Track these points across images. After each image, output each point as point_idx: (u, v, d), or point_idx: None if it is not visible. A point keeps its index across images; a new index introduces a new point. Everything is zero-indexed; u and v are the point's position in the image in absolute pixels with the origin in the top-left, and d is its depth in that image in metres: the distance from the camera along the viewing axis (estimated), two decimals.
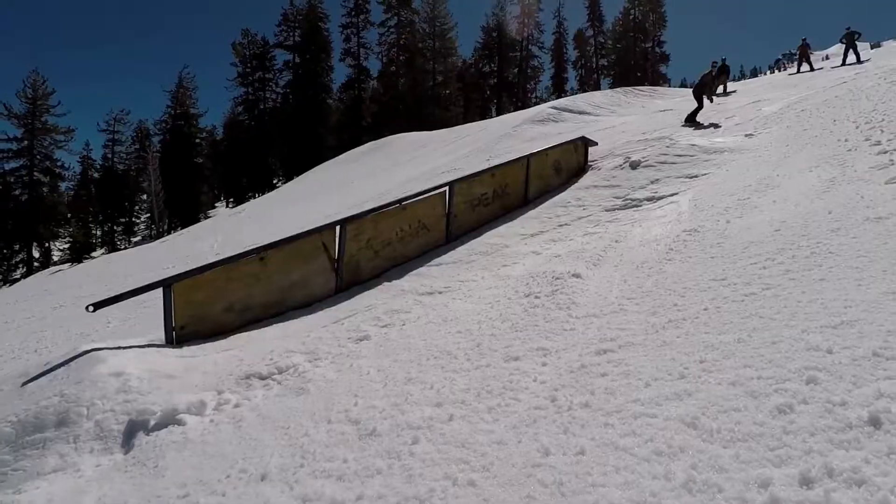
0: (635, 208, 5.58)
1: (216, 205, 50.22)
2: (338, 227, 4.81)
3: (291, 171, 41.03)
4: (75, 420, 2.79)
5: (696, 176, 6.04)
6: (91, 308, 3.63)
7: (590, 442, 1.90)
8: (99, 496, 2.29)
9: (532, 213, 6.27)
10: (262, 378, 3.14)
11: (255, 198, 40.42)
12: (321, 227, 4.80)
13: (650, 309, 2.95)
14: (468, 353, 2.97)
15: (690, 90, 12.10)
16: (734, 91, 14.51)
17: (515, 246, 5.28)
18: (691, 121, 9.45)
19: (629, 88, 16.87)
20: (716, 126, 8.75)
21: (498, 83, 52.08)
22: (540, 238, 5.42)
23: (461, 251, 5.41)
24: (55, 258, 40.89)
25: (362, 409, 2.55)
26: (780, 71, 19.05)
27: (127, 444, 2.69)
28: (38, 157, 40.34)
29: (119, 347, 3.48)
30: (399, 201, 5.36)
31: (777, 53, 19.17)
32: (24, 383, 3.16)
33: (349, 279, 4.85)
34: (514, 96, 51.80)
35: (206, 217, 39.64)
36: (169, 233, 36.95)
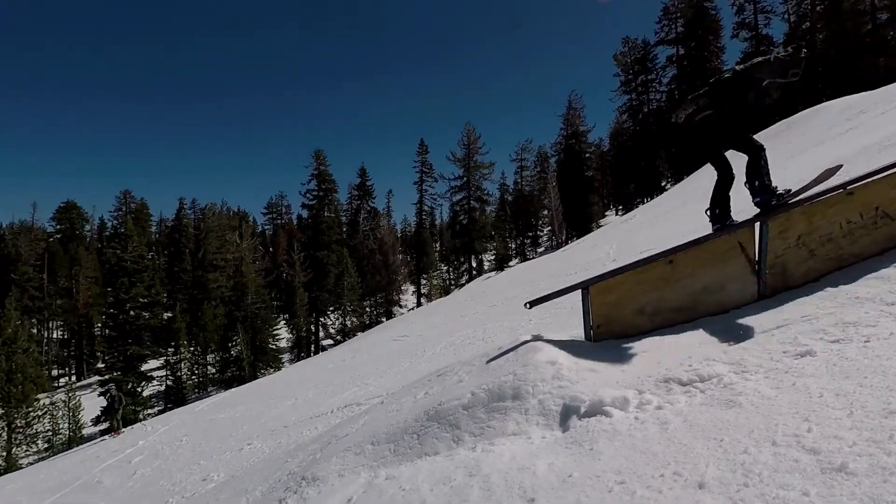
0: None
1: (606, 213, 53.09)
2: (757, 224, 4.20)
3: (681, 170, 39.08)
4: (524, 396, 3.38)
5: None
6: (528, 305, 4.36)
7: None
8: (549, 463, 2.70)
9: None
10: (683, 384, 3.04)
11: (643, 203, 40.53)
12: (736, 224, 4.30)
13: None
14: None
15: None
16: None
17: None
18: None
19: None
20: None
21: None
22: None
23: None
24: (486, 267, 52.62)
25: (819, 437, 2.11)
26: None
27: (563, 424, 3.07)
28: (472, 188, 53.17)
29: (550, 340, 4.05)
30: (843, 186, 4.23)
31: None
32: (487, 362, 4.07)
33: (774, 284, 4.15)
34: None
35: (598, 226, 42.35)
36: (567, 243, 41.34)
